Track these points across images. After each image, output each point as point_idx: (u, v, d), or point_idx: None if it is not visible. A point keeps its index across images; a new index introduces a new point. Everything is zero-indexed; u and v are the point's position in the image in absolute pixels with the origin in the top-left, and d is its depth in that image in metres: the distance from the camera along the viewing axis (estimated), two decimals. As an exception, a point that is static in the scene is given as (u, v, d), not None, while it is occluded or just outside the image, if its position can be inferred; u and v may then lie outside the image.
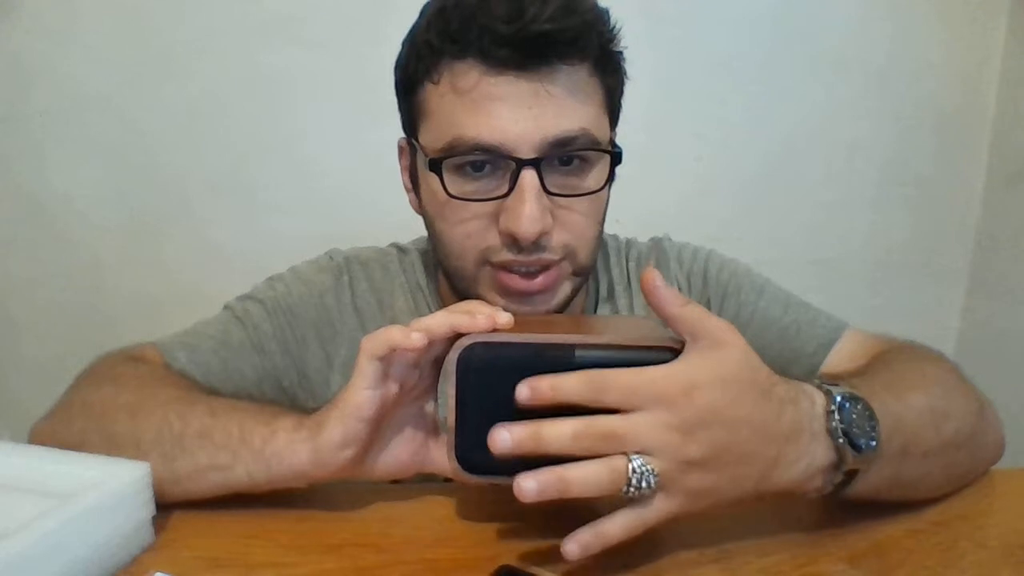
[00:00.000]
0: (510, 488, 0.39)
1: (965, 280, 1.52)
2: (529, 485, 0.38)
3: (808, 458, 0.42)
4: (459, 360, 0.42)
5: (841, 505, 0.47)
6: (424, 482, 0.54)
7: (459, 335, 0.42)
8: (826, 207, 1.45)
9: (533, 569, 0.41)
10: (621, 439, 0.39)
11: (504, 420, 0.40)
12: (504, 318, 0.43)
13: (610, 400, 0.39)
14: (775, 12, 1.35)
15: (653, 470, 0.38)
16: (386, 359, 0.44)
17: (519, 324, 0.44)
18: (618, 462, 0.38)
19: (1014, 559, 0.46)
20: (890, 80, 1.40)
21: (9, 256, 1.33)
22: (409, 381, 0.47)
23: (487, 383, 0.41)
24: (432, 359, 0.47)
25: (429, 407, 0.50)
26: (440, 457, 0.48)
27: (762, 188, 1.42)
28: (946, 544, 0.47)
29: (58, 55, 1.25)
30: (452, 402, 0.42)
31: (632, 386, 0.39)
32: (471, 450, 0.42)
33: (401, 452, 0.49)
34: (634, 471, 0.38)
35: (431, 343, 0.43)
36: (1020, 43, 1.39)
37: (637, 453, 0.39)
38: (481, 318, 0.42)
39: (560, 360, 0.40)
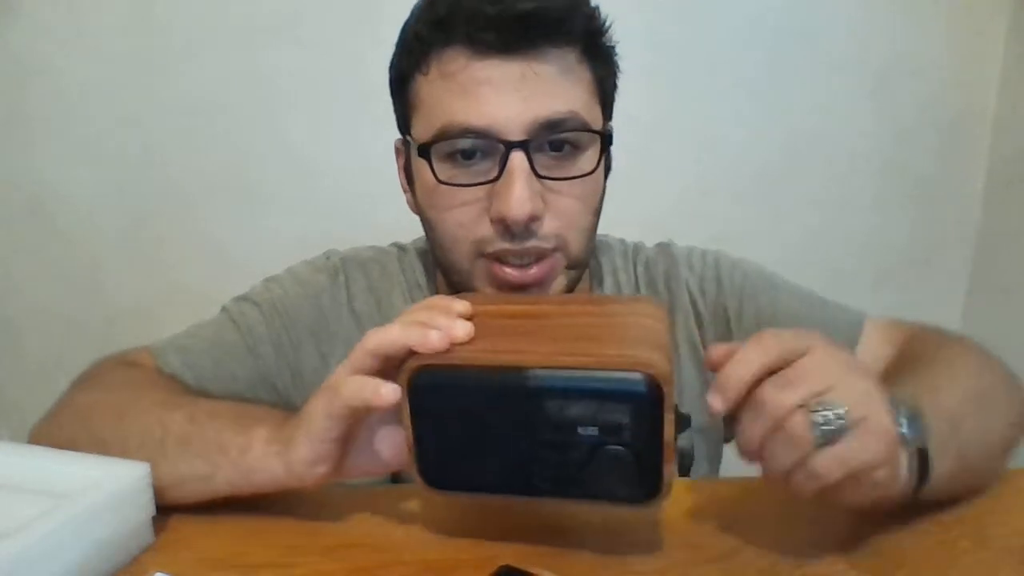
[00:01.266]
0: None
1: (965, 280, 1.52)
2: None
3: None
4: (410, 384, 0.41)
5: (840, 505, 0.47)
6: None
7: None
8: (826, 207, 1.45)
9: (533, 569, 0.41)
10: (802, 379, 0.39)
11: (461, 439, 0.40)
12: (461, 331, 0.41)
13: (781, 354, 0.40)
14: (775, 12, 1.35)
15: (835, 406, 0.38)
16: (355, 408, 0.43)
17: (494, 324, 0.43)
18: (798, 414, 0.38)
19: (1014, 559, 0.46)
20: (890, 80, 1.40)
21: (9, 256, 1.33)
22: None
23: (441, 406, 0.41)
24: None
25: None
26: None
27: (762, 188, 1.42)
28: (946, 544, 0.47)
29: (58, 55, 1.25)
30: (407, 421, 0.42)
31: (793, 337, 0.40)
32: (432, 467, 0.42)
33: (380, 452, 0.48)
34: (820, 418, 0.38)
35: (389, 357, 0.42)
36: (1020, 43, 1.39)
37: (816, 399, 0.38)
38: (434, 336, 0.40)
39: (516, 385, 0.39)
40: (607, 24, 0.59)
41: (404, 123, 0.62)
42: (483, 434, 0.40)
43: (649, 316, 0.44)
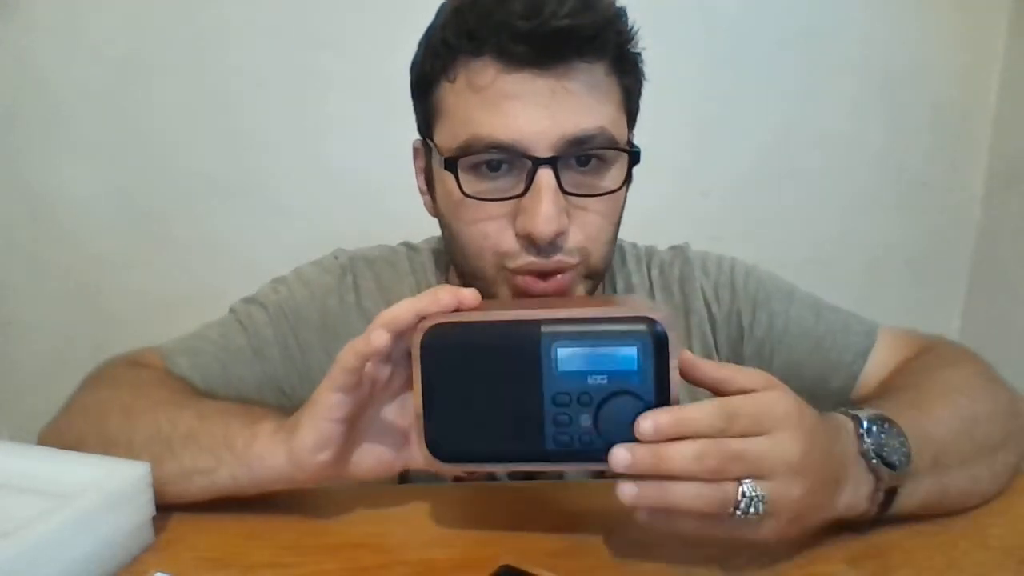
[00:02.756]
0: (494, 479, 0.39)
1: (965, 280, 1.52)
2: (629, 490, 0.39)
3: (854, 482, 0.44)
4: (421, 343, 0.41)
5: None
6: (427, 482, 0.54)
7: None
8: (825, 207, 1.45)
9: (533, 569, 0.41)
10: (747, 461, 0.39)
11: (472, 403, 0.40)
12: (469, 294, 0.42)
13: (740, 427, 0.39)
14: (775, 12, 1.35)
15: (763, 496, 0.39)
16: (359, 367, 0.44)
17: (502, 301, 0.44)
18: (728, 485, 0.38)
19: (1014, 559, 0.46)
20: (890, 80, 1.40)
21: (9, 256, 1.33)
22: (382, 376, 0.46)
23: (452, 364, 0.41)
24: (406, 351, 0.46)
25: (408, 402, 0.48)
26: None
27: (761, 188, 1.42)
28: (946, 544, 0.47)
29: (59, 54, 1.25)
30: (418, 387, 0.42)
31: (759, 411, 0.40)
32: (441, 436, 0.42)
33: (383, 450, 0.48)
34: (744, 495, 0.38)
35: (401, 334, 0.43)
36: (1020, 43, 1.39)
37: (748, 478, 0.39)
38: (444, 295, 0.42)
39: (526, 337, 0.40)
40: (634, 31, 0.58)
41: (425, 126, 0.61)
42: (494, 394, 0.40)
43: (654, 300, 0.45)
